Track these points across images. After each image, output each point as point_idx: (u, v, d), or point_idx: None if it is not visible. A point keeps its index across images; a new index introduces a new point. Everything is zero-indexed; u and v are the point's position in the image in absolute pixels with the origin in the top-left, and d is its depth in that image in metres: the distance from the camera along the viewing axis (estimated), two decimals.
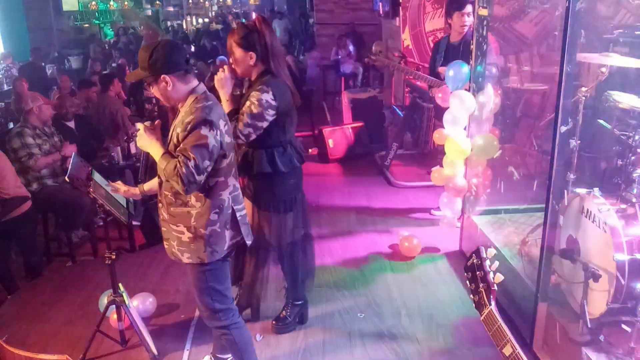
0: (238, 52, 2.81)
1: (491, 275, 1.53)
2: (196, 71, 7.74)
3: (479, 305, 1.52)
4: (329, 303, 3.58)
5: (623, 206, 2.59)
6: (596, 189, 2.67)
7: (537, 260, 2.89)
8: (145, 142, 2.38)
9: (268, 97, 2.75)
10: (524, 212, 3.97)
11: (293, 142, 2.99)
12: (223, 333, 2.58)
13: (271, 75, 2.82)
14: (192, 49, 14.11)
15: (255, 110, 2.76)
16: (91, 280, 3.96)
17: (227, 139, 2.34)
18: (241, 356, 2.63)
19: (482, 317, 1.51)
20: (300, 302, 3.33)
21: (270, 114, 2.78)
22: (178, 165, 2.19)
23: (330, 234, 4.64)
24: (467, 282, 1.60)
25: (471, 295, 1.57)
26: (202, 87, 2.38)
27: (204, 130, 2.20)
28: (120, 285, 3.01)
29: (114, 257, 2.97)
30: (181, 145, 2.23)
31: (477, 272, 1.55)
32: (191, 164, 2.17)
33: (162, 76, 2.27)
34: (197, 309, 3.35)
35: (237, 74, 2.89)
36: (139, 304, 3.40)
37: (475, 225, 3.95)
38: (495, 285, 1.52)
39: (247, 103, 2.79)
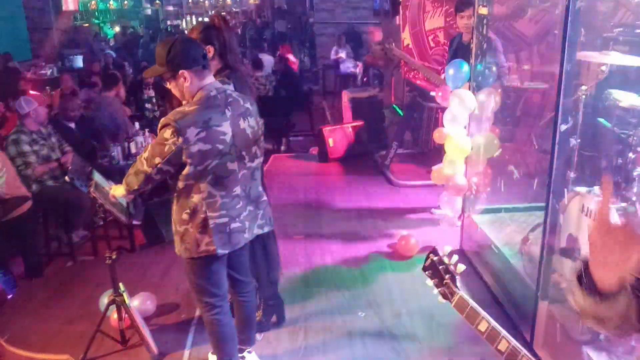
0: None
1: (452, 266, 1.64)
2: None
3: (448, 295, 1.62)
4: (329, 302, 3.58)
5: (623, 204, 2.59)
6: (596, 188, 2.68)
7: (538, 259, 2.89)
8: (117, 191, 2.58)
9: (229, 87, 2.76)
10: (524, 211, 3.97)
11: None
12: (205, 320, 2.67)
13: (229, 71, 2.85)
14: None
15: None
16: (91, 280, 3.96)
17: (200, 147, 2.27)
18: (216, 347, 2.72)
19: (453, 304, 1.61)
20: (272, 302, 3.29)
21: None
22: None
23: (330, 234, 4.64)
24: (429, 279, 1.68)
25: (436, 290, 1.66)
26: (211, 86, 2.37)
27: (166, 133, 2.27)
28: (120, 284, 3.01)
29: (114, 256, 2.96)
30: None
31: (439, 267, 1.66)
32: (144, 155, 2.35)
33: (181, 72, 2.31)
34: (197, 308, 3.35)
35: None
36: (140, 304, 3.39)
37: (475, 224, 3.95)
38: (458, 273, 1.63)
39: None
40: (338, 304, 3.57)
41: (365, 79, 10.33)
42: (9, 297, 3.92)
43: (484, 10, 3.69)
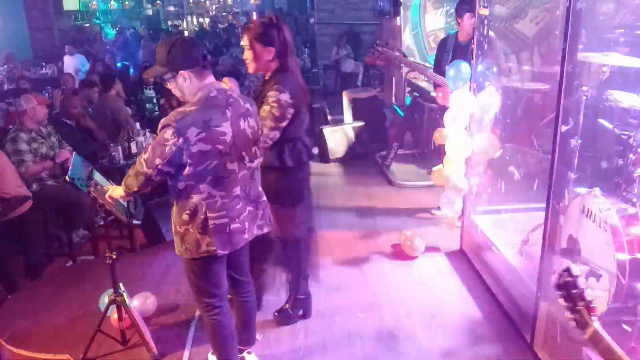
0: (257, 47, 2.80)
1: (588, 291, 1.48)
2: None
3: (581, 324, 1.48)
4: (329, 303, 3.57)
5: (624, 206, 2.59)
6: (597, 189, 2.67)
7: (538, 259, 2.89)
8: (115, 192, 2.59)
9: (286, 96, 2.75)
10: (525, 212, 3.97)
11: (302, 138, 3.00)
12: (205, 320, 2.67)
13: (283, 73, 2.82)
14: None
15: (277, 113, 2.77)
16: (92, 280, 3.96)
17: (200, 148, 2.26)
18: (215, 347, 2.72)
19: (586, 336, 1.47)
20: (303, 296, 3.35)
21: (290, 112, 2.80)
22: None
23: (330, 234, 4.63)
24: (562, 300, 1.53)
25: (569, 314, 1.52)
26: (211, 86, 2.37)
27: (166, 134, 2.25)
28: (120, 284, 3.01)
29: (114, 256, 2.96)
30: None
31: (573, 290, 1.50)
32: (143, 157, 2.32)
33: (181, 72, 2.31)
34: (197, 308, 3.35)
35: (250, 70, 2.91)
36: (140, 304, 3.39)
37: (475, 224, 3.95)
38: (594, 302, 1.47)
39: (267, 107, 2.77)
40: (338, 304, 3.57)
41: (365, 79, 10.34)
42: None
43: (484, 11, 3.69)
